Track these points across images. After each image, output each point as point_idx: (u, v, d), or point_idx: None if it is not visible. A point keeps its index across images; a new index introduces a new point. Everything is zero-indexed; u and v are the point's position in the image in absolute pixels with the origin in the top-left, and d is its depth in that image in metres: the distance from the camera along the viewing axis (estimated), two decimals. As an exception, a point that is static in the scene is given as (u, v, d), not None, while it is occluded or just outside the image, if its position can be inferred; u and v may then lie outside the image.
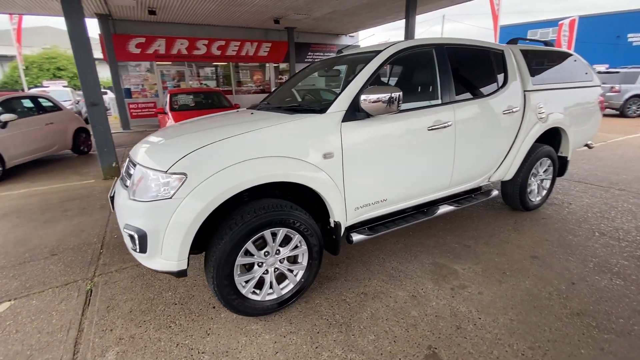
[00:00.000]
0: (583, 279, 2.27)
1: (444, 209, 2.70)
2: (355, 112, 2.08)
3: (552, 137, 3.48)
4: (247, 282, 1.91)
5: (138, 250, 1.71)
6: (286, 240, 1.98)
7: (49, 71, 23.32)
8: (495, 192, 3.04)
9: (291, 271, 2.06)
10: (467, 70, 2.77)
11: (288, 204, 1.93)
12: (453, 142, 2.53)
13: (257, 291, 1.97)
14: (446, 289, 2.21)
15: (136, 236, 1.67)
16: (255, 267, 1.93)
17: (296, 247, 2.01)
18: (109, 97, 14.42)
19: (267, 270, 1.97)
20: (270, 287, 1.99)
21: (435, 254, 2.66)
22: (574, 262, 2.47)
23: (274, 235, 1.91)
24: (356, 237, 2.26)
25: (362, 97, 2.01)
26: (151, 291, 2.32)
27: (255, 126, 1.93)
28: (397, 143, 2.26)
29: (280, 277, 2.06)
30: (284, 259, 2.01)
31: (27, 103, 6.46)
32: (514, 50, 3.08)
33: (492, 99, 2.75)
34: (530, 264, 2.47)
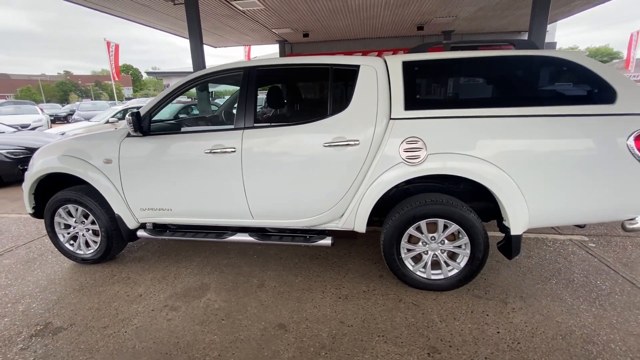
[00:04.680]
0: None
1: (238, 237, 2.58)
2: (136, 130, 2.56)
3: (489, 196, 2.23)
4: (71, 238, 2.90)
5: (27, 197, 3.07)
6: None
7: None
8: (324, 241, 2.44)
9: (95, 242, 2.85)
10: (288, 93, 2.41)
11: (85, 190, 2.73)
12: (239, 170, 2.40)
13: (81, 247, 2.90)
14: (160, 303, 2.32)
15: (24, 190, 3.04)
16: (71, 229, 2.87)
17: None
18: None
19: (77, 234, 2.87)
20: (80, 247, 2.89)
21: (234, 280, 2.60)
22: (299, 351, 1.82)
23: (76, 209, 2.78)
24: (140, 233, 2.75)
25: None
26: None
27: (78, 135, 2.84)
28: (169, 160, 2.51)
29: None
30: (89, 229, 2.84)
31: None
32: (390, 63, 2.27)
33: (304, 128, 2.29)
34: (258, 328, 2.04)
